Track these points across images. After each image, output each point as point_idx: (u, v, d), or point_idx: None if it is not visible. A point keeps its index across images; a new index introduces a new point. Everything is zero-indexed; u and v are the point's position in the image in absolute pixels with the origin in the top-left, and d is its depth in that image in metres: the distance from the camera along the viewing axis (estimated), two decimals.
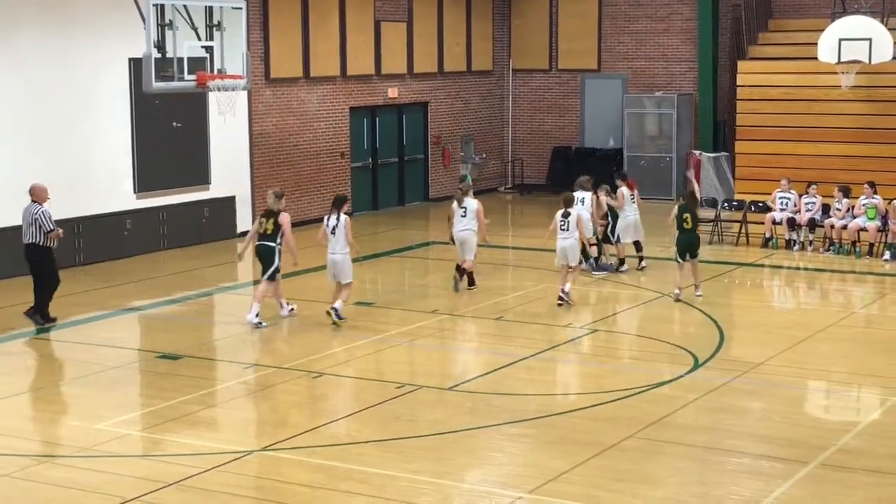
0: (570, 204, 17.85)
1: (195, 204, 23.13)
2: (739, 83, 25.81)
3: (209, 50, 16.39)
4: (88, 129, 21.23)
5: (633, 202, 20.24)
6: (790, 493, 10.32)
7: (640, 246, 20.40)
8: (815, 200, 22.31)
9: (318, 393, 13.68)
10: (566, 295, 17.46)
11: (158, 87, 15.97)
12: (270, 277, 16.48)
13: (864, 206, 21.70)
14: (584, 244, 18.50)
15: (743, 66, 26.01)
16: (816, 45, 23.50)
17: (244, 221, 23.98)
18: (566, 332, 16.37)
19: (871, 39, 22.84)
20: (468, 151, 30.41)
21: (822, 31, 23.63)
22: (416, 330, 16.31)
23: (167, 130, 22.51)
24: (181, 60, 15.97)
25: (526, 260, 21.73)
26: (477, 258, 18.79)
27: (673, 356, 14.95)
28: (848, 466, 10.96)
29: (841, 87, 23.69)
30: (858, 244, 21.64)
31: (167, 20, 15.83)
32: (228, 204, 23.81)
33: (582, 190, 19.12)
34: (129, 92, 21.67)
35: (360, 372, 14.38)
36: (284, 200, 16.85)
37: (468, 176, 22.32)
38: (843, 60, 23.06)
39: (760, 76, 25.63)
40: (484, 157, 30.75)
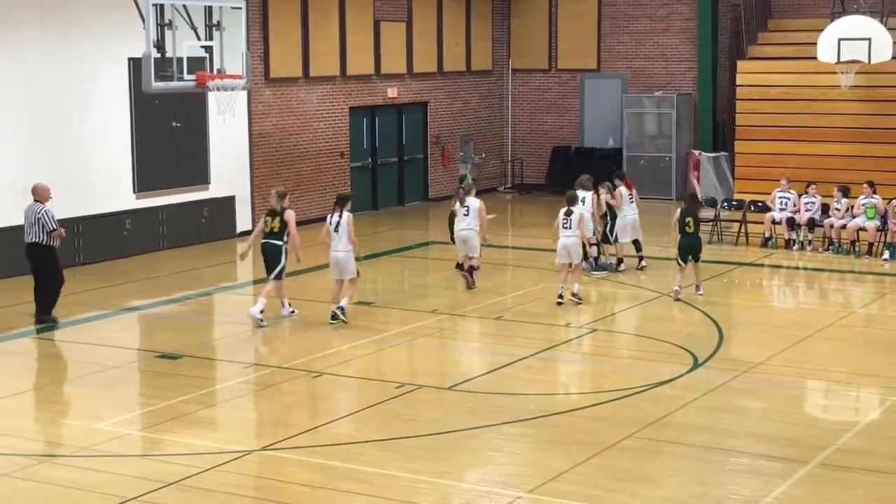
0: (573, 202, 17.89)
1: (195, 204, 23.13)
2: (739, 83, 25.82)
3: (209, 50, 16.38)
4: (88, 129, 21.22)
5: (631, 202, 20.24)
6: (789, 492, 10.32)
7: (639, 245, 20.39)
8: (814, 200, 22.30)
9: (317, 393, 13.68)
10: (575, 296, 17.53)
11: (158, 86, 15.97)
12: (277, 276, 16.51)
13: (863, 205, 21.70)
14: (584, 243, 18.51)
15: (742, 65, 26.02)
16: (816, 44, 23.49)
17: (244, 221, 24.01)
18: (566, 331, 16.38)
19: (870, 39, 22.84)
20: (468, 151, 30.41)
21: (821, 30, 23.63)
22: (415, 329, 16.31)
23: (167, 130, 22.51)
24: (181, 60, 15.96)
25: (525, 260, 21.74)
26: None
27: (672, 356, 14.95)
28: (847, 466, 10.96)
29: (840, 86, 23.69)
30: (858, 244, 21.64)
31: (167, 20, 15.82)
32: (228, 204, 23.81)
33: (583, 189, 19.12)
34: (128, 92, 21.67)
35: (359, 372, 14.38)
36: (288, 199, 16.86)
37: (468, 175, 22.29)
38: (842, 60, 23.06)
39: (760, 76, 25.63)
40: (483, 156, 30.74)
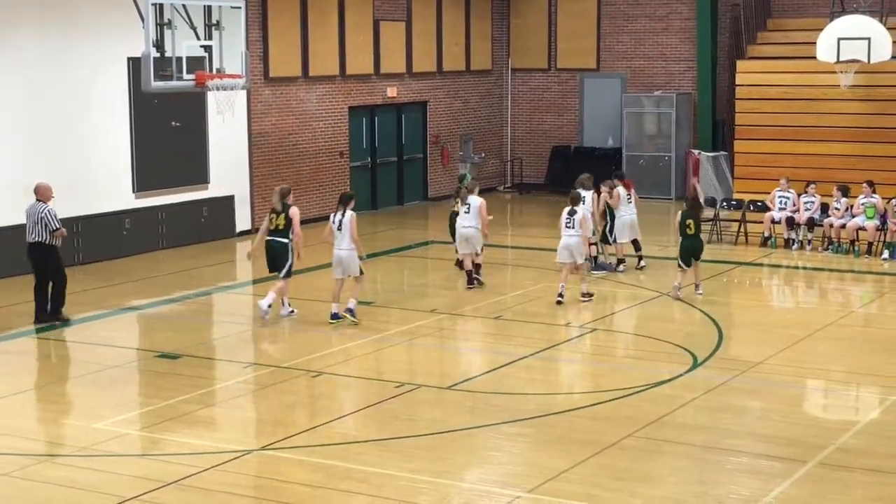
0: (576, 202, 17.92)
1: (194, 203, 23.13)
2: (738, 82, 25.83)
3: (208, 49, 16.36)
4: (88, 128, 21.22)
5: (629, 202, 20.24)
6: (789, 492, 10.32)
7: (638, 245, 20.40)
8: (813, 199, 22.30)
9: (317, 392, 13.68)
10: (585, 295, 17.60)
11: (157, 86, 15.95)
12: (287, 275, 16.54)
13: (862, 205, 21.70)
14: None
15: (742, 65, 26.03)
16: (815, 44, 23.51)
17: (243, 221, 24.02)
18: (565, 331, 16.38)
19: (869, 39, 22.86)
20: (467, 151, 30.41)
21: (820, 30, 23.65)
22: (415, 329, 16.31)
23: (166, 130, 22.50)
24: (180, 60, 15.94)
25: (525, 259, 21.74)
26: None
27: (672, 355, 14.95)
28: (847, 465, 10.96)
29: (840, 86, 23.71)
30: (857, 243, 21.65)
31: (166, 19, 15.79)
32: (227, 203, 23.81)
33: (583, 188, 19.13)
34: (128, 91, 21.67)
35: (359, 371, 14.38)
36: (292, 196, 16.88)
37: (468, 175, 22.30)
38: (841, 60, 23.07)
39: (759, 75, 25.65)
40: (483, 156, 30.74)
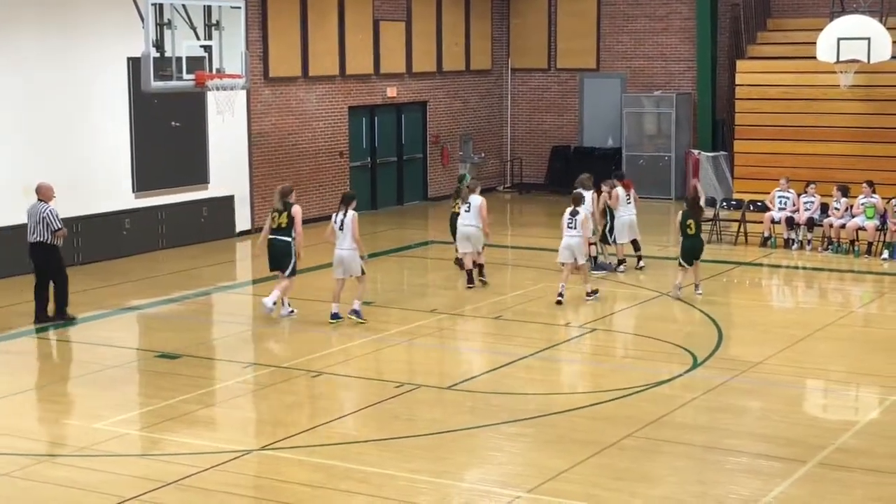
0: (578, 203, 17.94)
1: (194, 203, 23.13)
2: (738, 82, 25.85)
3: (208, 49, 16.37)
4: (88, 128, 21.22)
5: (628, 202, 20.24)
6: (789, 492, 10.32)
7: (637, 245, 20.40)
8: (813, 199, 22.30)
9: (317, 392, 13.68)
10: (590, 294, 17.65)
11: (157, 86, 15.96)
12: (292, 273, 16.57)
13: (862, 205, 21.70)
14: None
15: (742, 65, 26.04)
16: (815, 44, 23.53)
17: (243, 221, 24.02)
18: (565, 331, 16.38)
19: (869, 39, 22.87)
20: (467, 151, 30.40)
21: (820, 30, 23.66)
22: (414, 329, 16.31)
23: (166, 130, 22.50)
24: (180, 60, 15.94)
25: (525, 259, 21.75)
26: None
27: (672, 355, 14.95)
28: (846, 465, 10.96)
29: (840, 86, 23.73)
30: (857, 243, 21.65)
31: (166, 19, 15.80)
32: (227, 203, 23.81)
33: (583, 188, 19.14)
34: (127, 91, 21.66)
35: (358, 371, 14.38)
36: (294, 195, 16.90)
37: (467, 175, 22.30)
38: (841, 60, 23.09)
39: (759, 75, 25.66)
40: (483, 156, 30.74)
